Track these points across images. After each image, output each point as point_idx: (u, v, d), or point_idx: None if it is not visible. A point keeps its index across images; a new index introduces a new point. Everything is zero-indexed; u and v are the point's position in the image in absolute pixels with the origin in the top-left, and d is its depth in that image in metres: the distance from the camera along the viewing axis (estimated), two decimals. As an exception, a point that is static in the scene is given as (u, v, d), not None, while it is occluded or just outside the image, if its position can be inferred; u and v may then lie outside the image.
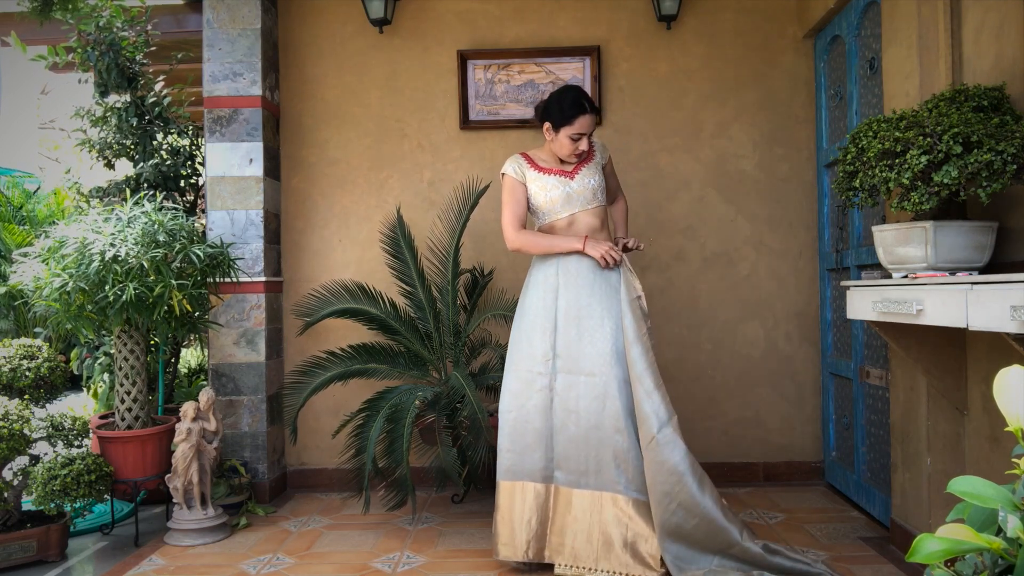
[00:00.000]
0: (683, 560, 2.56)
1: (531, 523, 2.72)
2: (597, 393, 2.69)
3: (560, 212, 2.87)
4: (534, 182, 2.89)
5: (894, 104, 2.85)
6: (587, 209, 2.87)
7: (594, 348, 2.72)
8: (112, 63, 3.83)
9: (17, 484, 3.08)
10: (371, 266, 4.02)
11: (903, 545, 2.84)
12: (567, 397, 2.73)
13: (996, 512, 1.09)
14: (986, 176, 2.02)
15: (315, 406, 3.99)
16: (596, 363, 2.70)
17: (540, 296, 2.83)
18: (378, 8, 3.91)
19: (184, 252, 3.13)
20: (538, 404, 2.76)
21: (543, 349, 2.78)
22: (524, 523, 2.73)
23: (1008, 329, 1.68)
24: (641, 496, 2.63)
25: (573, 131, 2.80)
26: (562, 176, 2.88)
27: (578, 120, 2.79)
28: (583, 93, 2.84)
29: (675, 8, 3.88)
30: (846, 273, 3.49)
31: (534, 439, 2.75)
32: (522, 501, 2.74)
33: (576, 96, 2.81)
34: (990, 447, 2.40)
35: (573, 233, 2.86)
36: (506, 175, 2.93)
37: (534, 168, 2.91)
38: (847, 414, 3.59)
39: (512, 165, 2.93)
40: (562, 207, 2.86)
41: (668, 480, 2.56)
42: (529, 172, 2.91)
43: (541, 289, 2.84)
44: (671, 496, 2.55)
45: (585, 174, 2.88)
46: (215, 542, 3.24)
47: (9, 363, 3.25)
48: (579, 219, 2.87)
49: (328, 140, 4.10)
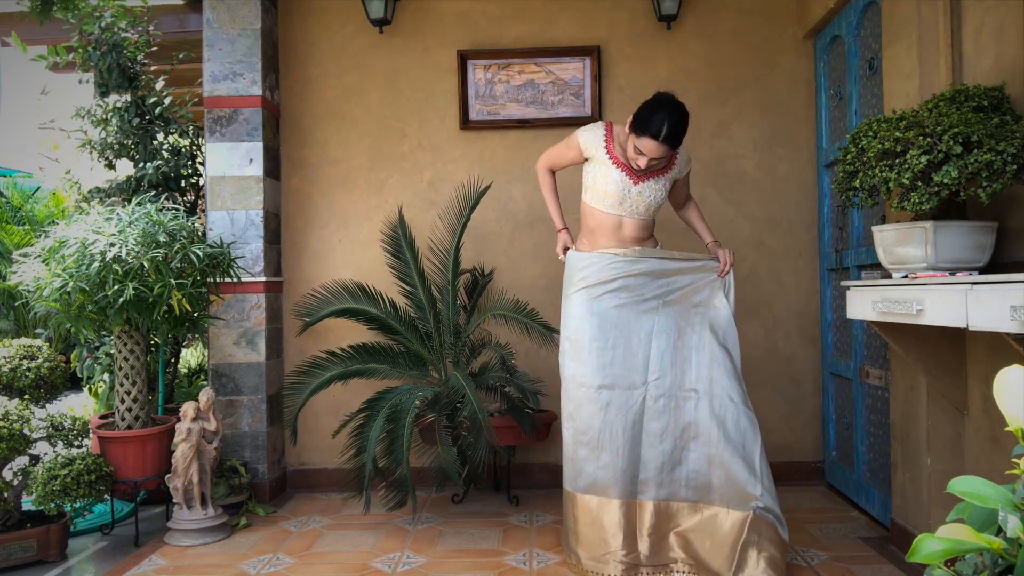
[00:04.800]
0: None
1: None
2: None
3: (610, 209, 2.77)
4: (599, 164, 2.76)
5: (894, 104, 2.85)
6: (636, 219, 2.79)
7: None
8: (113, 63, 3.83)
9: (17, 484, 3.08)
10: (371, 266, 4.02)
11: (903, 545, 2.84)
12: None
13: (996, 512, 1.09)
14: (986, 176, 2.02)
15: (315, 406, 3.99)
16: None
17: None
18: (378, 8, 3.91)
19: (184, 252, 3.13)
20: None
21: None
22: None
23: (1008, 329, 1.68)
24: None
25: (637, 144, 2.63)
26: (628, 176, 2.73)
27: (643, 139, 2.60)
28: (673, 121, 2.58)
29: (675, 8, 3.88)
30: (846, 273, 3.49)
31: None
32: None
33: (662, 120, 2.56)
34: (990, 447, 2.40)
35: (619, 236, 2.78)
36: (575, 135, 2.82)
37: (607, 152, 2.75)
38: (847, 414, 3.59)
39: (588, 135, 2.79)
40: (613, 206, 2.76)
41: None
42: (600, 152, 2.76)
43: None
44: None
45: (650, 185, 2.75)
46: (215, 542, 3.24)
47: (9, 363, 3.25)
48: (627, 224, 2.79)
49: (328, 140, 4.10)
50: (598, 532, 2.69)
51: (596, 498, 2.70)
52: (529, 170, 4.01)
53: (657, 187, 2.77)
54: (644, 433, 2.71)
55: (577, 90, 4.02)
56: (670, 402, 2.70)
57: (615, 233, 2.80)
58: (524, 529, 3.33)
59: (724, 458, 2.64)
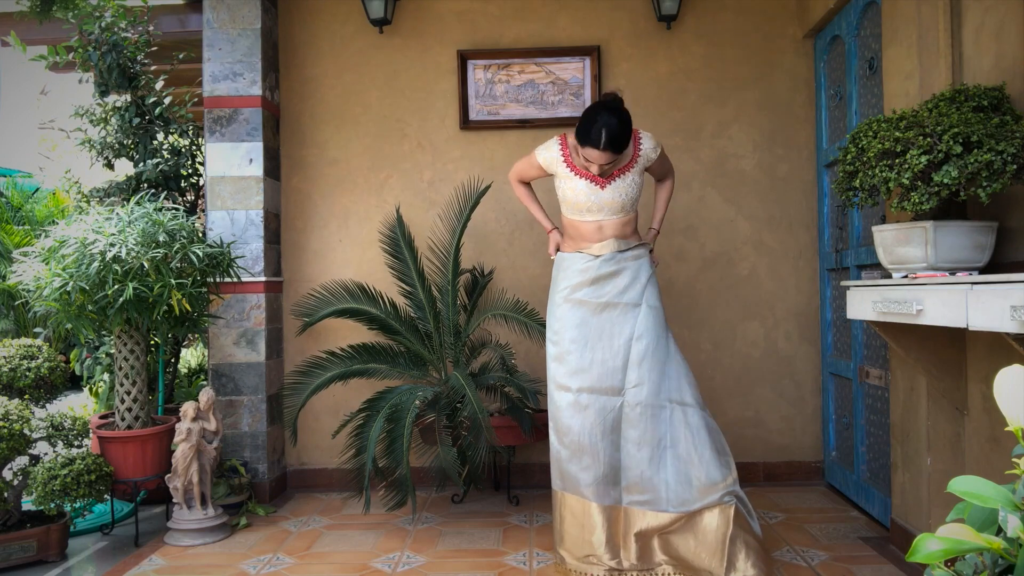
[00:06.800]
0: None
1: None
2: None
3: (586, 216, 2.77)
4: (564, 178, 2.78)
5: (894, 104, 2.85)
6: (616, 219, 2.77)
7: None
8: (113, 63, 3.83)
9: (17, 484, 3.08)
10: (371, 266, 4.02)
11: (903, 545, 2.84)
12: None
13: (996, 512, 1.09)
14: (986, 176, 2.02)
15: (315, 406, 3.99)
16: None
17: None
18: (378, 8, 3.91)
19: (184, 252, 3.13)
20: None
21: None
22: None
23: (1008, 329, 1.68)
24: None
25: (585, 154, 2.66)
26: (592, 183, 2.74)
27: (586, 149, 2.63)
28: (611, 128, 2.57)
29: (675, 8, 3.88)
30: (846, 273, 3.49)
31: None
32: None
33: (600, 129, 2.57)
34: (990, 447, 2.40)
35: (601, 236, 2.77)
36: (535, 153, 2.86)
37: (567, 165, 2.77)
38: (847, 414, 3.59)
39: (545, 153, 2.82)
40: (588, 213, 2.76)
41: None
42: (560, 167, 2.78)
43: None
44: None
45: (619, 185, 2.74)
46: (215, 542, 3.24)
47: (9, 363, 3.24)
48: (606, 227, 2.78)
49: (328, 140, 4.10)
50: (582, 533, 2.69)
51: (580, 500, 2.70)
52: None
53: (627, 184, 2.75)
54: (623, 440, 2.69)
55: (577, 90, 4.02)
56: (647, 411, 2.68)
57: (597, 236, 2.79)
58: (524, 529, 3.33)
59: (695, 461, 2.64)
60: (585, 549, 2.68)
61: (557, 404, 2.75)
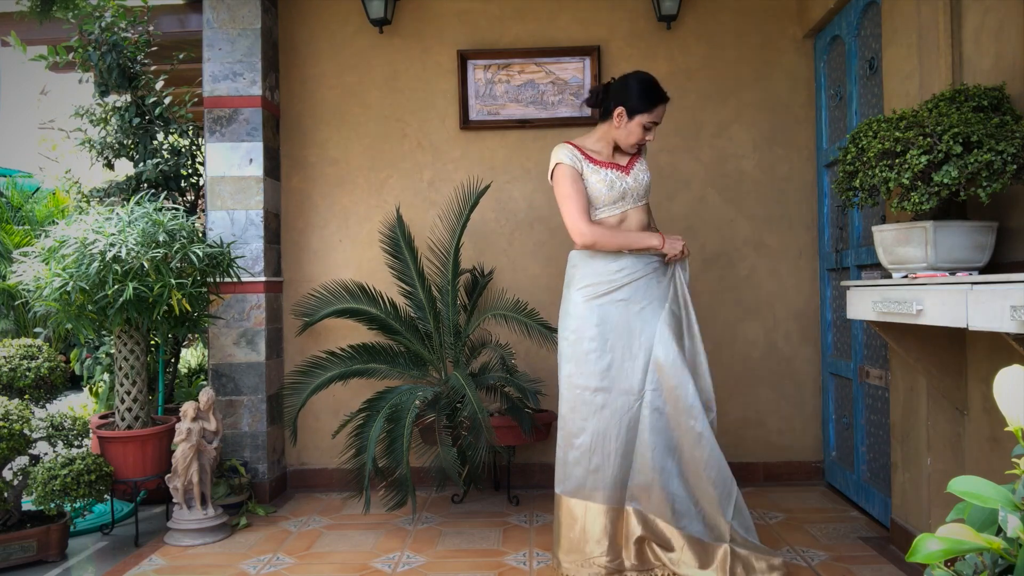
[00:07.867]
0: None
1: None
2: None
3: (613, 208, 2.74)
4: (593, 174, 2.71)
5: (894, 104, 2.85)
6: (638, 206, 2.78)
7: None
8: (113, 63, 3.83)
9: (17, 484, 3.08)
10: (371, 266, 4.02)
11: (903, 545, 2.84)
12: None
13: (996, 512, 1.09)
14: (986, 176, 2.02)
15: (315, 406, 3.99)
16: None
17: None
18: (378, 8, 3.91)
19: (184, 252, 3.13)
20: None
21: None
22: None
23: (1008, 329, 1.68)
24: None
25: (650, 119, 2.69)
26: (618, 171, 2.73)
27: (658, 108, 2.69)
28: (658, 82, 2.74)
29: (675, 8, 3.88)
30: (846, 273, 3.49)
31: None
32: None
33: (657, 84, 2.71)
34: (990, 447, 2.40)
35: (626, 230, 2.75)
36: (561, 164, 2.71)
37: (590, 160, 2.73)
38: (847, 414, 3.60)
39: (566, 153, 2.72)
40: (616, 203, 2.74)
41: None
42: (584, 164, 2.72)
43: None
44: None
45: (639, 169, 2.78)
46: (215, 542, 3.24)
47: (9, 363, 3.25)
48: (630, 216, 2.76)
49: (328, 140, 4.10)
50: (580, 537, 2.67)
51: (582, 502, 2.67)
52: (529, 170, 4.02)
53: (643, 169, 2.81)
54: (638, 442, 2.66)
55: (577, 90, 4.02)
56: (663, 417, 2.66)
57: (620, 228, 2.75)
58: (524, 529, 3.33)
59: (702, 486, 2.64)
60: (583, 553, 2.67)
61: (571, 404, 2.70)
